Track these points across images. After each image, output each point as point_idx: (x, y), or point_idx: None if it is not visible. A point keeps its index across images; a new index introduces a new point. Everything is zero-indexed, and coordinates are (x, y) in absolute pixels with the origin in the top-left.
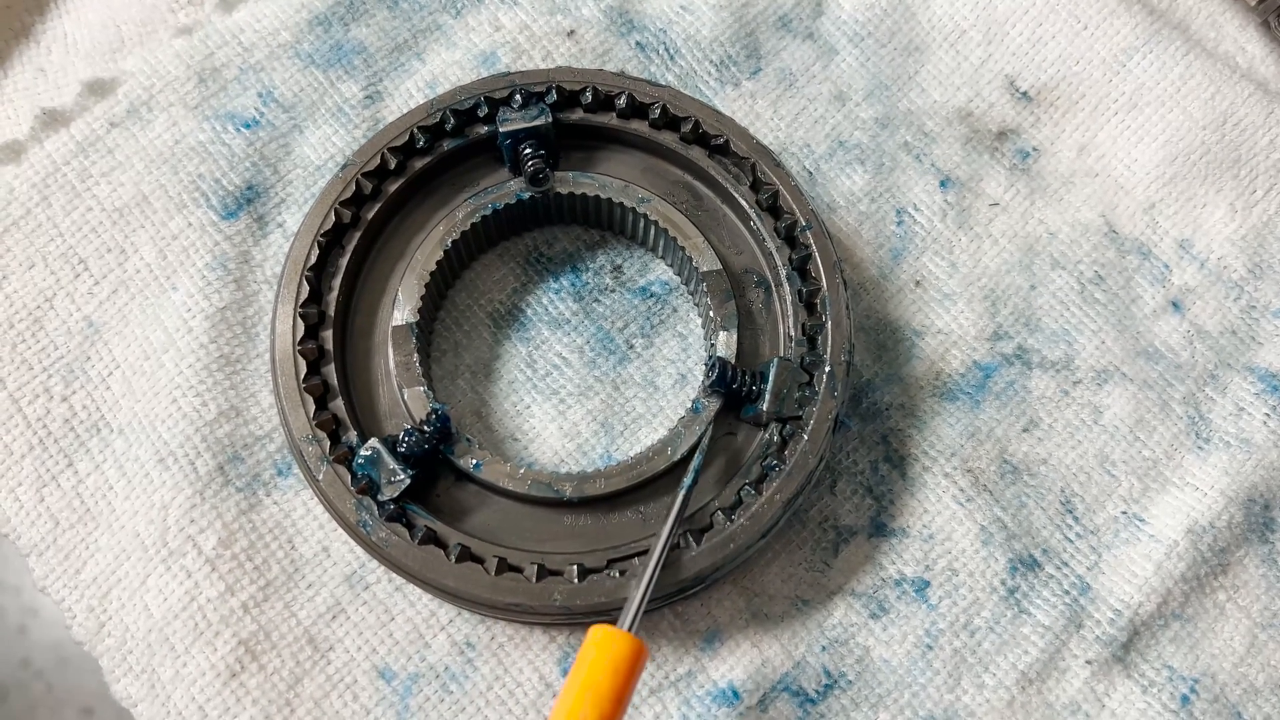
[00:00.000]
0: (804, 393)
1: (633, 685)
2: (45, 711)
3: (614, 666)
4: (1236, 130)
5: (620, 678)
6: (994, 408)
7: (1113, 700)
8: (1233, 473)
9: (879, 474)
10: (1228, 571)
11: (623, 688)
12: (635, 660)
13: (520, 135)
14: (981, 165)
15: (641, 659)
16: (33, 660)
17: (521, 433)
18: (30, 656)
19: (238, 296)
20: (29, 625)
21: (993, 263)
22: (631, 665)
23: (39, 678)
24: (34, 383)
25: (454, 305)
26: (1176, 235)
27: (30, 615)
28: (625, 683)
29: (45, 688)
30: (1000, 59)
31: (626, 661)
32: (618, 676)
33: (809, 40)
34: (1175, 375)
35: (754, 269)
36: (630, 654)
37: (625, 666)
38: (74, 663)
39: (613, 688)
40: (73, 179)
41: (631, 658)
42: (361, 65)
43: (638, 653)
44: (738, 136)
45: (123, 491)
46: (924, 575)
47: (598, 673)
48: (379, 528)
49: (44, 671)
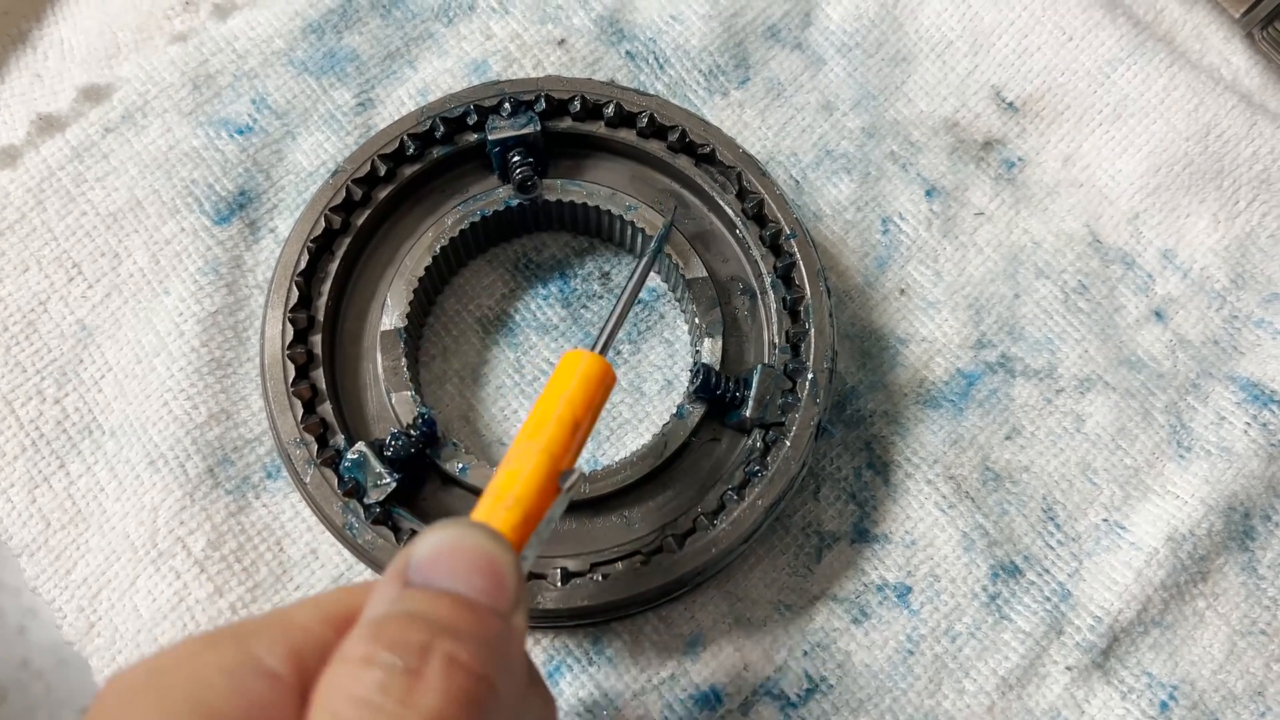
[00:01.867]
0: (787, 399)
1: (601, 400)
2: (44, 712)
3: (585, 376)
4: (1220, 142)
5: (590, 386)
6: (977, 415)
7: (1092, 706)
8: (1213, 481)
9: (862, 480)
10: (1207, 579)
11: (592, 395)
12: (602, 377)
13: (509, 143)
14: (967, 175)
15: (609, 379)
16: (32, 661)
17: (509, 437)
18: (29, 657)
19: (229, 301)
20: (28, 626)
21: (977, 271)
22: (599, 380)
23: (38, 678)
24: (27, 385)
25: (443, 311)
26: (1160, 245)
27: (29, 616)
28: (594, 392)
29: (44, 688)
30: (986, 69)
31: (595, 377)
32: (588, 385)
33: (797, 50)
34: (1157, 384)
35: (739, 277)
36: (599, 371)
37: (595, 380)
38: (73, 664)
39: (584, 394)
40: (67, 184)
41: (599, 374)
42: (354, 73)
43: (605, 371)
44: (724, 145)
45: (113, 493)
46: (906, 581)
47: (567, 380)
48: (365, 530)
49: (43, 672)
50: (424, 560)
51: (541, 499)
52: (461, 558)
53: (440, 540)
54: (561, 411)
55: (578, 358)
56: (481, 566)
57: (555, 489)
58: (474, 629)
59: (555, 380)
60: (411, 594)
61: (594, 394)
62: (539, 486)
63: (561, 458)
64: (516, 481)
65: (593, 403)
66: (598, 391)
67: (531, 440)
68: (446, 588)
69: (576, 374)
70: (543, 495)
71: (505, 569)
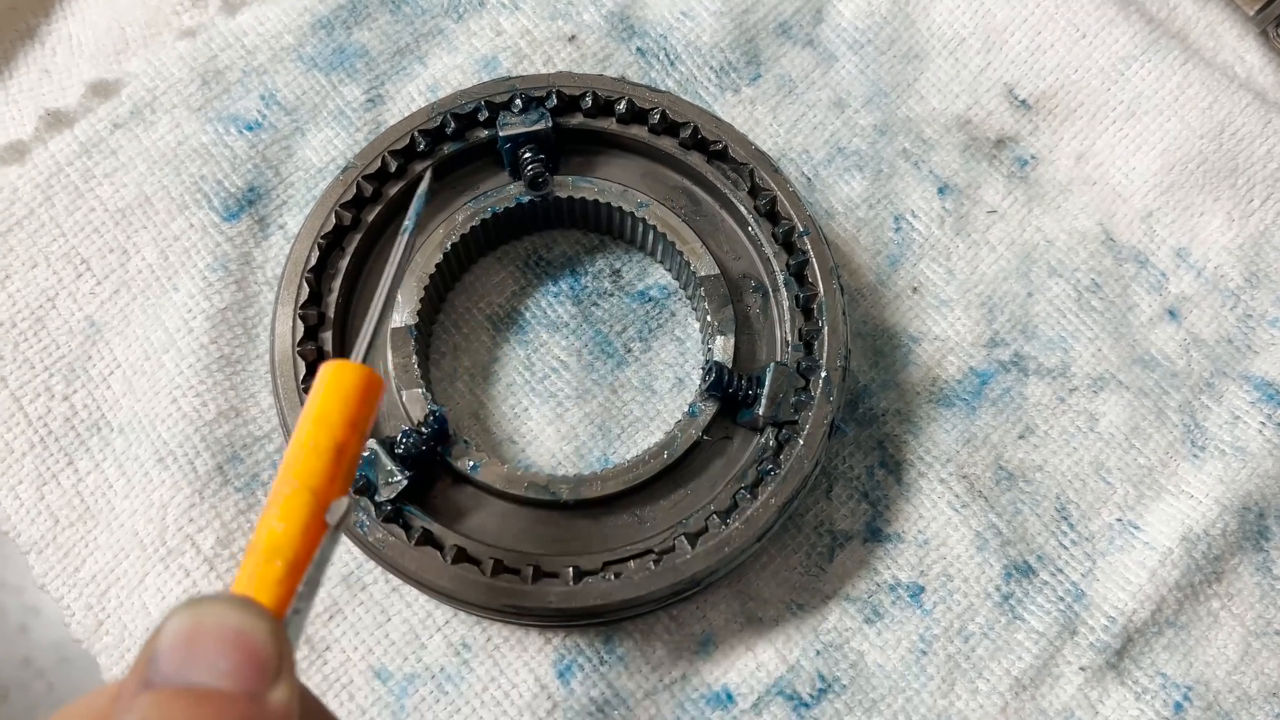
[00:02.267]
0: (800, 398)
1: (368, 414)
2: (46, 711)
3: (340, 391)
4: (1234, 140)
5: (350, 403)
6: (990, 414)
7: (1106, 707)
8: (1228, 481)
9: (875, 479)
10: (1222, 579)
11: (353, 412)
12: (364, 388)
13: (520, 139)
14: (980, 173)
15: (374, 387)
16: (34, 659)
17: (519, 435)
18: (32, 655)
19: (238, 297)
20: (30, 625)
21: (990, 270)
22: (360, 392)
23: (40, 677)
24: (35, 381)
25: (453, 308)
26: (1173, 244)
27: (32, 615)
28: (356, 407)
29: (46, 687)
30: (999, 67)
31: (354, 388)
32: (345, 401)
33: (809, 47)
34: (1171, 383)
35: (752, 274)
36: (357, 381)
37: (354, 393)
38: (76, 662)
39: (342, 413)
40: (76, 179)
41: (359, 384)
42: (364, 69)
43: (366, 380)
44: (736, 142)
45: (122, 490)
46: (919, 580)
47: (326, 400)
48: (376, 528)
49: (45, 671)
50: (164, 652)
51: (306, 541)
52: (205, 641)
53: (180, 625)
54: (318, 437)
55: (333, 369)
56: (228, 646)
57: (322, 525)
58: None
59: (310, 400)
60: (147, 699)
61: (355, 410)
62: (301, 528)
63: (326, 490)
64: (273, 530)
65: (355, 419)
66: (360, 406)
67: (289, 476)
68: (189, 681)
69: (331, 390)
70: (308, 536)
71: (258, 641)
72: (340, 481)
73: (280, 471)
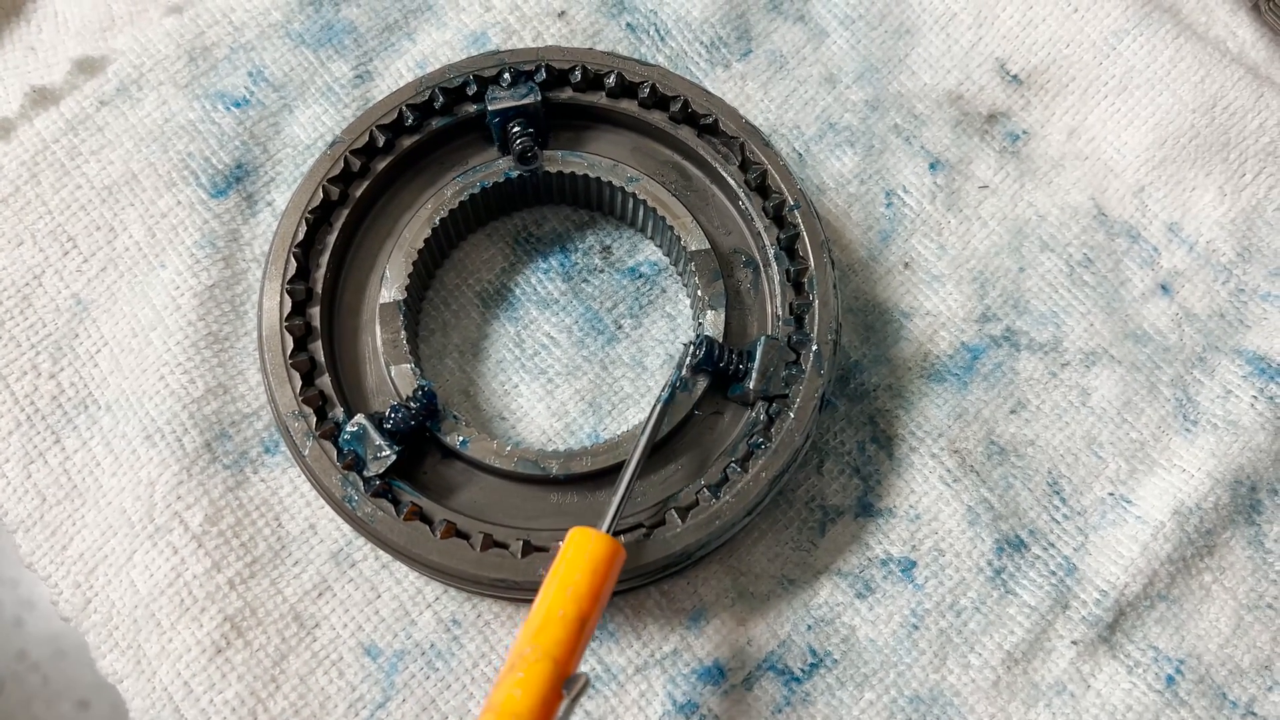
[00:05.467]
0: (791, 371)
1: (610, 586)
2: (41, 704)
3: (592, 563)
4: (1226, 114)
5: (599, 576)
6: (982, 389)
7: (1098, 681)
8: (1219, 455)
9: (866, 454)
10: (1214, 553)
11: (600, 585)
12: (612, 559)
13: (509, 114)
14: (971, 148)
15: (618, 559)
16: (29, 653)
17: (509, 411)
18: (26, 649)
19: (226, 274)
20: (25, 618)
21: (982, 245)
22: (608, 565)
23: (35, 670)
24: (22, 360)
25: (442, 284)
26: (1165, 218)
27: (26, 608)
28: (603, 581)
29: (41, 680)
30: (991, 42)
31: (604, 561)
32: (595, 574)
33: (800, 22)
34: (1163, 358)
35: (742, 249)
36: (607, 554)
37: (603, 565)
38: (70, 655)
39: (590, 585)
40: (62, 157)
41: (608, 556)
42: (352, 45)
43: (614, 552)
44: (727, 116)
45: (110, 468)
46: (910, 555)
47: (575, 570)
48: (365, 503)
49: (40, 664)
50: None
51: (543, 711)
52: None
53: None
54: (566, 610)
55: (586, 539)
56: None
57: (559, 694)
58: None
59: (560, 566)
60: None
61: (602, 583)
62: (540, 699)
63: (566, 661)
64: (512, 696)
65: (600, 593)
66: (606, 578)
67: (535, 643)
68: None
69: (583, 561)
70: (545, 707)
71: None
72: (580, 653)
73: (523, 632)
